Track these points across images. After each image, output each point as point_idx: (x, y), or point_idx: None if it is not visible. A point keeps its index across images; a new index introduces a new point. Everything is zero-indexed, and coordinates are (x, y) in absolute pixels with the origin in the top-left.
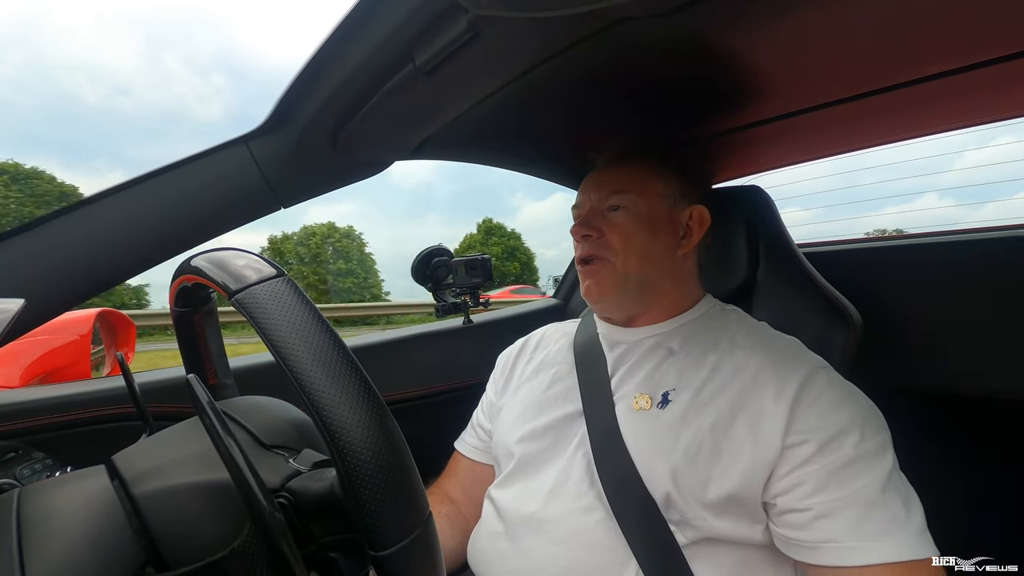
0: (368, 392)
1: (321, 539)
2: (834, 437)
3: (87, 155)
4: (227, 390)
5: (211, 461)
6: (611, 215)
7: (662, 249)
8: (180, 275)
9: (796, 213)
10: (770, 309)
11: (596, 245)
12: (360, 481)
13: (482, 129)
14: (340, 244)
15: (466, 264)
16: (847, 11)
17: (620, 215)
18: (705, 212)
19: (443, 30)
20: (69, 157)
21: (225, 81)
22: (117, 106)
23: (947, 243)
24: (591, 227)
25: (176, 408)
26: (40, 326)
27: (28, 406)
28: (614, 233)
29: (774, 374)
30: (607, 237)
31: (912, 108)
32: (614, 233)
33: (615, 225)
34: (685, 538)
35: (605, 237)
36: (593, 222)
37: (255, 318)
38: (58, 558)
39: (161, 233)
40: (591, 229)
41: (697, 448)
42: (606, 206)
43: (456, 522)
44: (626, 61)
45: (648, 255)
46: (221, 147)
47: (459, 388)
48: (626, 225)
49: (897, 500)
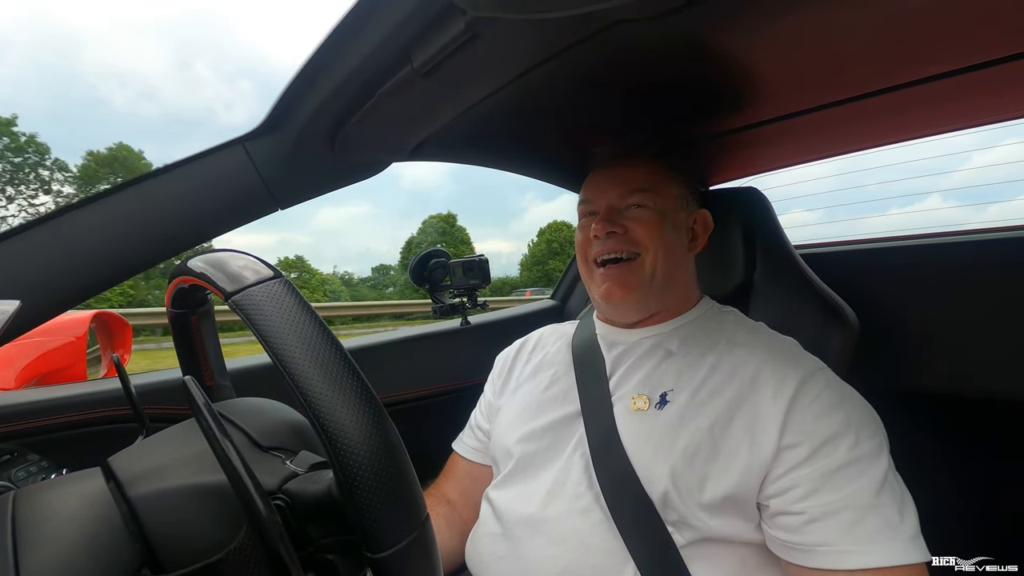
0: (365, 394)
1: (318, 541)
2: (828, 440)
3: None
4: (224, 392)
5: (207, 463)
6: (633, 211)
7: (680, 249)
8: (177, 276)
9: (800, 215)
10: (767, 310)
11: (623, 241)
12: (357, 483)
13: (480, 131)
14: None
15: (463, 265)
16: (844, 13)
17: (643, 212)
18: (709, 217)
19: (441, 32)
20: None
21: (251, 87)
22: (142, 110)
23: (943, 244)
24: (616, 223)
25: (172, 410)
26: (36, 328)
27: (24, 408)
28: (640, 228)
29: (772, 374)
30: (632, 233)
31: (910, 109)
32: (640, 228)
33: (639, 221)
34: (683, 538)
35: (630, 233)
36: (616, 219)
37: (252, 320)
38: (54, 561)
39: (158, 234)
40: (616, 225)
41: (695, 448)
42: (626, 203)
43: (454, 523)
44: (623, 63)
45: (671, 253)
46: (218, 148)
47: (457, 389)
48: (651, 222)
49: (892, 504)
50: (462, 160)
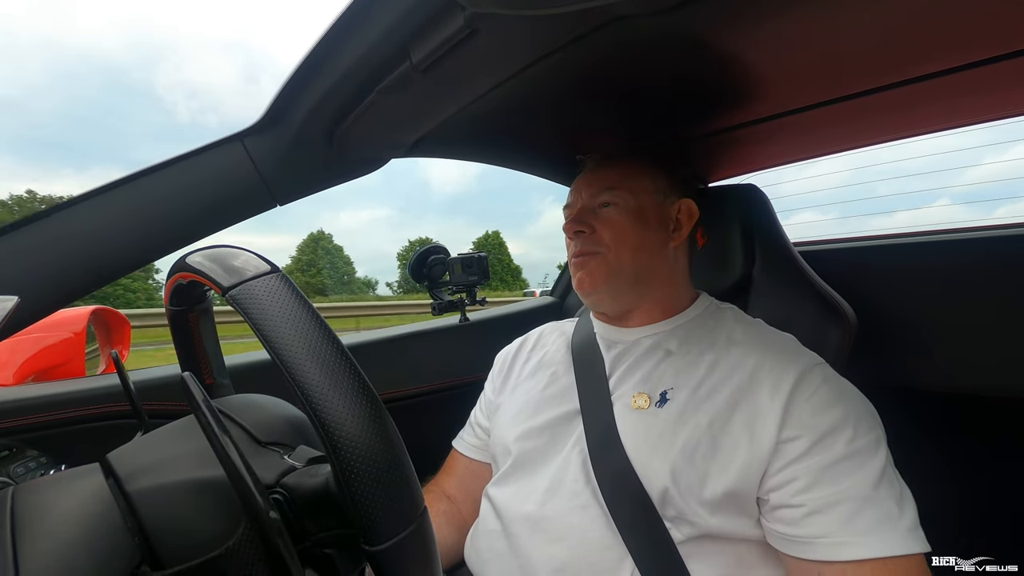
0: (363, 387)
1: (316, 535)
2: (827, 434)
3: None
4: (223, 389)
5: (206, 458)
6: (602, 212)
7: (654, 242)
8: (175, 273)
9: (809, 214)
10: (765, 307)
11: (588, 241)
12: (355, 476)
13: (478, 127)
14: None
15: (462, 262)
16: (843, 11)
17: (611, 211)
18: (693, 205)
19: (440, 28)
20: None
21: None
22: (204, 120)
23: (942, 242)
24: (583, 223)
25: (171, 406)
26: (34, 323)
27: (22, 404)
28: (606, 229)
29: (770, 370)
30: (599, 233)
31: (908, 107)
32: (606, 229)
33: (606, 221)
34: (681, 535)
35: (597, 233)
36: (585, 219)
37: (249, 314)
38: (52, 557)
39: (156, 230)
40: (583, 225)
41: (695, 445)
42: (597, 203)
43: (454, 520)
44: (622, 59)
45: (640, 248)
46: (216, 144)
47: (456, 386)
48: (617, 220)
49: (890, 497)
50: (461, 157)
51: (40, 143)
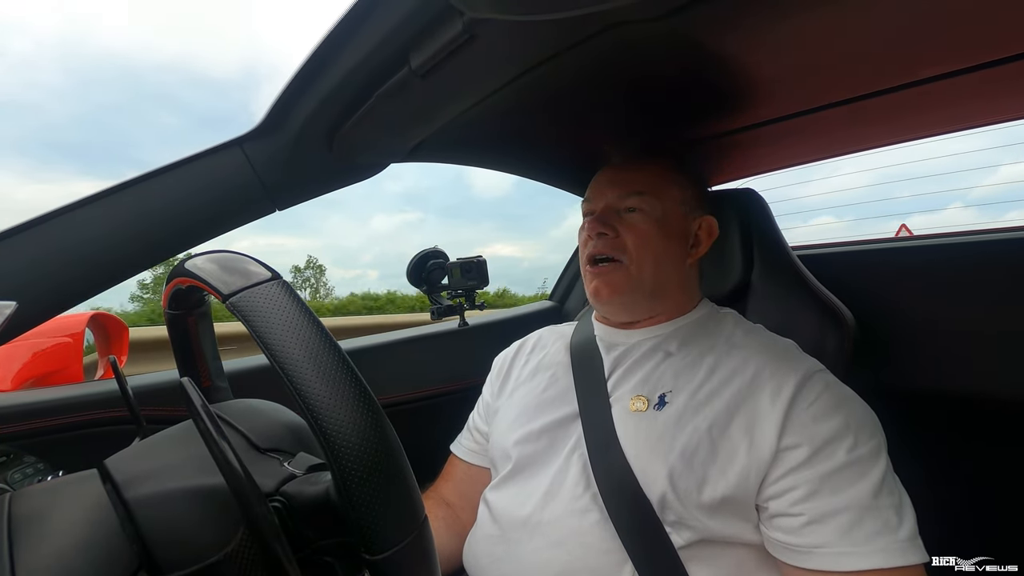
0: (363, 395)
1: (316, 543)
2: (828, 442)
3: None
4: (221, 393)
5: (205, 465)
6: (628, 216)
7: (674, 256)
8: (174, 278)
9: (828, 221)
10: (765, 311)
11: (610, 244)
12: (355, 485)
13: (478, 132)
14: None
15: (462, 266)
16: (844, 14)
17: (637, 216)
18: (714, 223)
19: (438, 33)
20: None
21: None
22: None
23: (941, 245)
24: (607, 224)
25: (170, 411)
26: (32, 329)
27: (20, 409)
28: (630, 234)
29: (771, 376)
30: (622, 238)
31: (911, 111)
32: (630, 234)
33: (632, 226)
34: (681, 539)
35: (620, 238)
36: (609, 220)
37: (249, 321)
38: (50, 563)
39: (156, 235)
40: (607, 227)
41: (694, 449)
42: (623, 206)
43: (453, 526)
44: (622, 64)
45: (661, 261)
46: (216, 149)
47: (455, 391)
48: (643, 228)
49: (890, 506)
50: (462, 161)
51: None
